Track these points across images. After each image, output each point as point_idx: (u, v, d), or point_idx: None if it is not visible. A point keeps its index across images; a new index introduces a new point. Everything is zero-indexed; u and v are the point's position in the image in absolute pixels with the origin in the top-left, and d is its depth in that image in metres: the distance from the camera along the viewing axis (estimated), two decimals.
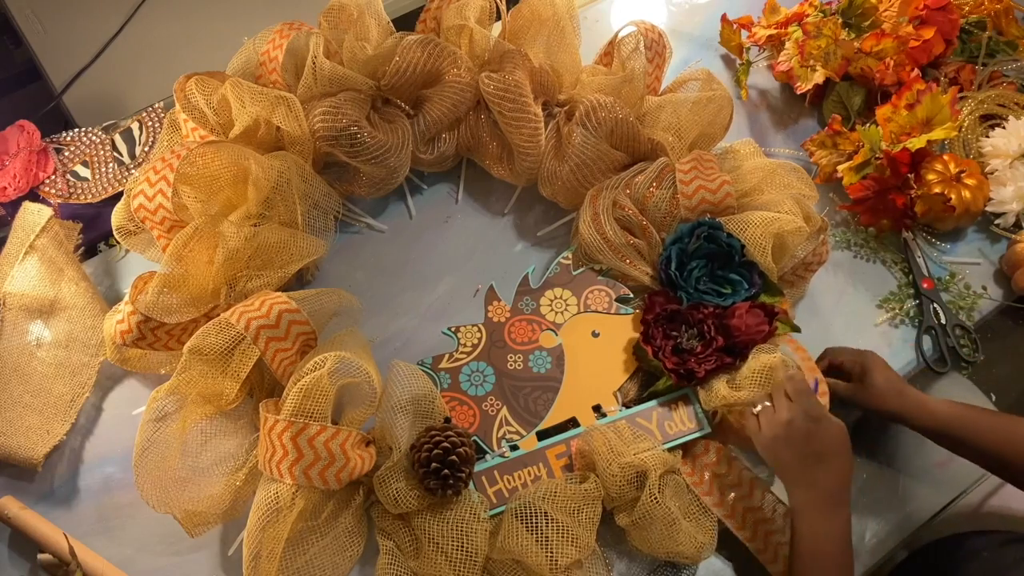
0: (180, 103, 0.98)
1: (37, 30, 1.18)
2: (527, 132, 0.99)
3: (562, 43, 1.04)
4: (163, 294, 0.85)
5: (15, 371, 0.91)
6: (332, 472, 0.78)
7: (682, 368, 0.88)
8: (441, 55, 0.99)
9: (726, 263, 0.93)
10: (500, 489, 0.86)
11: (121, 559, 0.85)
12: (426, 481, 0.80)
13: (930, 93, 1.03)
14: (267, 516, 0.78)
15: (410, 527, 0.83)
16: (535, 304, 0.96)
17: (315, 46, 0.97)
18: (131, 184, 0.95)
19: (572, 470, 0.87)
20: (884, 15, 1.15)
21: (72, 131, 1.09)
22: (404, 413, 0.83)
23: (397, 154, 0.98)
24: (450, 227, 1.07)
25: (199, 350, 0.82)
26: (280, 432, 0.78)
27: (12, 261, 0.94)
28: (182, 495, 0.81)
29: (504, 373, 0.92)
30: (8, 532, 0.86)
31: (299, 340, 0.85)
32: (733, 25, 1.20)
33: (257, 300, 0.85)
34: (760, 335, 0.88)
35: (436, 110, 1.01)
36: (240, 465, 0.85)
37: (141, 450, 0.80)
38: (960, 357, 1.00)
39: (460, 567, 0.80)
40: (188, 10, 1.21)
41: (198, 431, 0.84)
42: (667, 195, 0.97)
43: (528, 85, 0.98)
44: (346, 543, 0.83)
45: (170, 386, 0.83)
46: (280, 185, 0.92)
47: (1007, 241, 1.07)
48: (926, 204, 1.04)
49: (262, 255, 0.91)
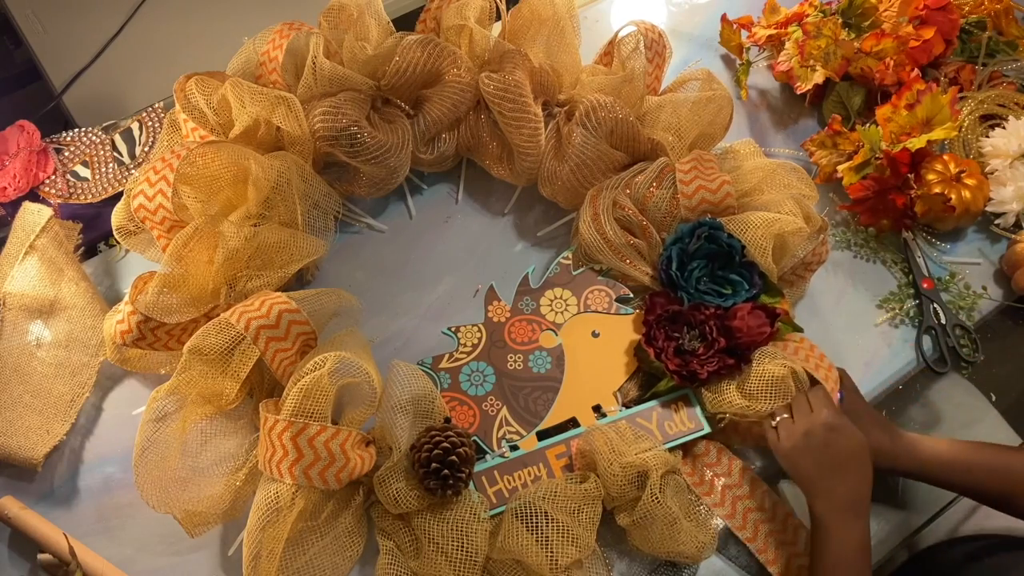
0: (180, 103, 0.98)
1: (37, 30, 1.18)
2: (527, 132, 0.99)
3: (562, 43, 1.04)
4: (163, 294, 0.85)
5: (15, 371, 0.91)
6: (332, 472, 0.78)
7: (684, 370, 0.88)
8: (441, 55, 0.99)
9: (727, 263, 0.93)
10: (500, 489, 0.86)
11: (121, 559, 0.85)
12: (426, 481, 0.80)
13: (930, 93, 1.03)
14: (267, 516, 0.77)
15: (410, 527, 0.82)
16: (535, 304, 0.96)
17: (315, 46, 0.97)
18: (131, 184, 0.95)
19: (572, 470, 0.87)
20: (884, 15, 1.15)
21: (72, 131, 1.09)
22: (404, 413, 0.83)
23: (397, 154, 0.98)
24: (450, 227, 1.07)
25: (199, 350, 0.82)
26: (280, 432, 0.78)
27: (12, 261, 0.94)
28: (182, 495, 0.81)
29: (504, 373, 0.92)
30: (8, 532, 0.86)
31: (299, 340, 0.85)
32: (733, 25, 1.20)
33: (257, 300, 0.85)
34: (762, 336, 0.87)
35: (436, 110, 1.01)
36: (240, 465, 0.85)
37: (141, 450, 0.80)
38: (960, 357, 1.00)
39: (460, 567, 0.80)
40: (188, 10, 1.21)
41: (198, 431, 0.84)
42: (667, 195, 0.97)
43: (528, 85, 0.98)
44: (346, 543, 0.83)
45: (170, 386, 0.83)
46: (280, 185, 0.92)
47: (1007, 241, 1.07)
48: (926, 204, 1.04)
49: (262, 255, 0.91)
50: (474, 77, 1.01)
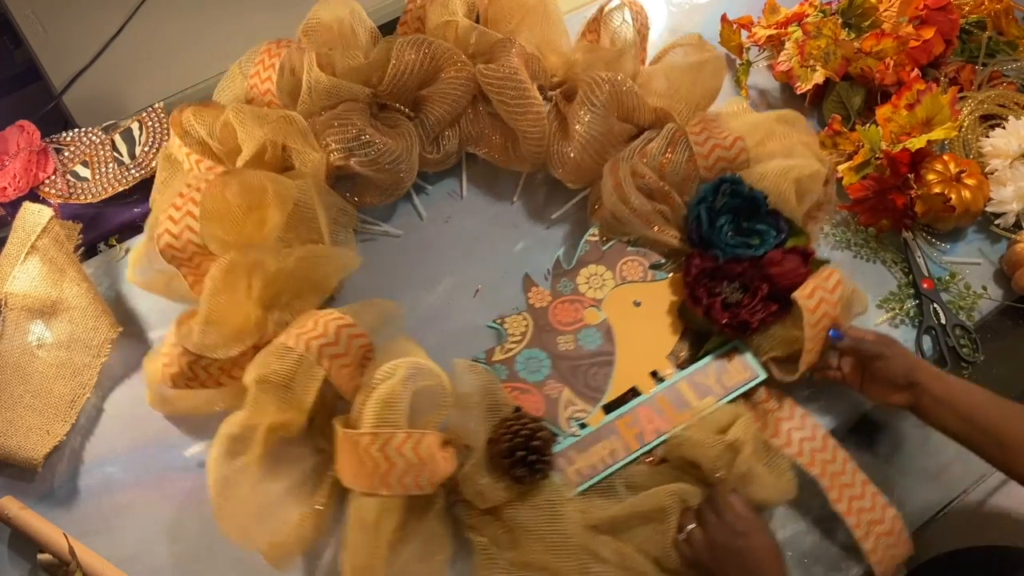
0: (179, 135, 0.96)
1: (37, 30, 1.18)
2: (532, 117, 0.99)
3: (550, 25, 1.06)
4: (208, 330, 0.83)
5: (16, 371, 0.91)
6: (425, 477, 0.79)
7: (735, 321, 0.91)
8: (437, 54, 0.99)
9: (751, 215, 0.96)
10: (579, 468, 0.87)
11: (121, 559, 0.85)
12: (513, 471, 0.81)
13: (930, 93, 1.03)
14: (365, 530, 0.78)
15: (500, 520, 0.84)
16: (573, 284, 0.98)
17: (308, 61, 0.96)
18: (151, 225, 0.94)
19: (644, 440, 0.89)
20: (884, 15, 1.15)
21: (72, 131, 1.09)
22: (476, 410, 0.85)
23: (408, 158, 0.99)
24: (450, 227, 1.07)
25: (264, 379, 0.81)
26: (367, 445, 0.77)
27: (13, 261, 0.94)
28: (262, 528, 0.80)
29: (558, 355, 0.94)
30: (8, 532, 0.86)
31: (359, 353, 0.85)
32: (733, 25, 1.20)
33: (310, 320, 0.84)
34: (800, 278, 0.90)
35: (439, 109, 1.01)
36: (313, 489, 0.84)
37: (219, 488, 0.79)
38: (960, 357, 1.00)
39: (557, 550, 0.81)
40: (188, 10, 1.21)
41: (266, 461, 0.82)
42: (683, 158, 0.99)
43: (525, 70, 0.99)
44: (435, 547, 0.83)
45: (242, 419, 0.80)
46: (302, 204, 0.91)
47: (1007, 241, 1.07)
48: (926, 204, 1.04)
49: (299, 276, 0.90)
50: (471, 71, 1.01)
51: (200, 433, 0.91)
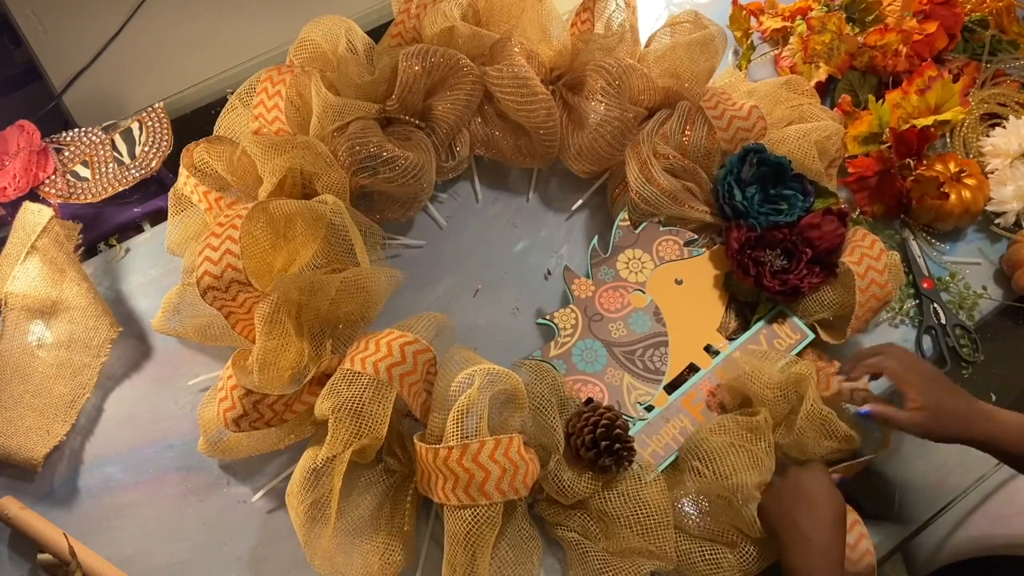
0: (190, 172, 0.94)
1: (37, 30, 1.18)
2: (543, 113, 0.99)
3: (546, 17, 1.06)
4: (266, 367, 0.82)
5: (16, 371, 0.92)
6: (520, 480, 0.79)
7: (786, 287, 0.92)
8: (442, 61, 0.98)
9: (777, 181, 0.98)
10: (654, 450, 0.89)
11: (121, 559, 0.86)
12: (600, 461, 0.82)
13: (941, 80, 1.03)
14: (469, 541, 0.77)
15: (587, 513, 0.84)
16: (613, 271, 0.98)
17: (316, 84, 0.95)
18: (188, 268, 0.93)
19: (712, 409, 0.91)
20: (888, 10, 1.15)
21: (72, 131, 1.09)
22: (551, 407, 0.85)
23: (428, 169, 0.98)
24: (450, 227, 1.07)
25: (338, 408, 0.80)
26: (458, 458, 0.77)
27: (13, 261, 0.95)
28: (349, 560, 0.81)
29: (612, 343, 0.94)
30: (8, 532, 0.87)
31: (424, 368, 0.85)
32: (743, 10, 1.19)
33: (371, 343, 0.83)
34: (840, 239, 0.93)
35: (451, 116, 1.01)
36: (392, 510, 0.84)
37: (307, 527, 0.79)
38: (960, 357, 1.00)
39: (653, 533, 0.82)
40: (188, 10, 1.21)
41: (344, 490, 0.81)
42: (703, 134, 1.00)
43: (530, 68, 0.99)
44: (526, 547, 0.84)
45: (326, 451, 0.79)
46: (335, 227, 0.90)
47: (1007, 241, 1.07)
48: (921, 189, 1.03)
49: (347, 301, 0.88)
50: (477, 75, 1.01)
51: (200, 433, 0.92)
